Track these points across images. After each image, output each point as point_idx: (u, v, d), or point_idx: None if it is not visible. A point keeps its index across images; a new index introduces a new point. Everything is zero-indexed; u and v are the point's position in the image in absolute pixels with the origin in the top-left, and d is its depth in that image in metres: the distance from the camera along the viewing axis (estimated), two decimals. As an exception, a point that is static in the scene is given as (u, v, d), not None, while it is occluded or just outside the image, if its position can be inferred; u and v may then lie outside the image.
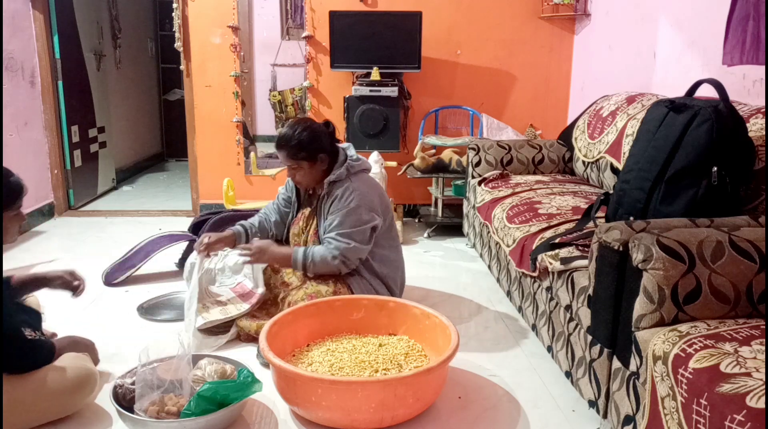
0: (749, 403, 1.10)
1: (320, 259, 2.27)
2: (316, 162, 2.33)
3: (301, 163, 2.32)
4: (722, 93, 1.82)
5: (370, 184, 2.42)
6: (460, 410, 1.91)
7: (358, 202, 2.29)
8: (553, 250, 2.03)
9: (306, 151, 2.30)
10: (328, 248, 2.27)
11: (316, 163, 2.34)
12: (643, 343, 1.43)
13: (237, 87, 4.04)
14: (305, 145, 2.30)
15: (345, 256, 2.26)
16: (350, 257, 2.27)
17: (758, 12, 2.12)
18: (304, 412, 1.81)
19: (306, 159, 2.32)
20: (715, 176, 1.74)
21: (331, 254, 2.26)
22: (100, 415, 1.85)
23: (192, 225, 3.22)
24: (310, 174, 2.36)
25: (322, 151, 2.33)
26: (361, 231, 2.29)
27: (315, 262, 2.27)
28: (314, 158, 2.32)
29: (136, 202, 4.74)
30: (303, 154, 2.30)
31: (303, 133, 2.30)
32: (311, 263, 2.27)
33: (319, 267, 2.28)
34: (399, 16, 3.73)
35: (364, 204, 2.30)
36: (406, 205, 4.26)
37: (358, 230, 2.28)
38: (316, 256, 2.27)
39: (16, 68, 3.75)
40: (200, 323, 2.30)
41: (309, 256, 2.27)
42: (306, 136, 2.30)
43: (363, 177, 2.41)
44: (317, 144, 2.32)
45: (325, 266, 2.27)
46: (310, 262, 2.27)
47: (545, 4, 3.97)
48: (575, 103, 4.11)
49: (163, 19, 6.34)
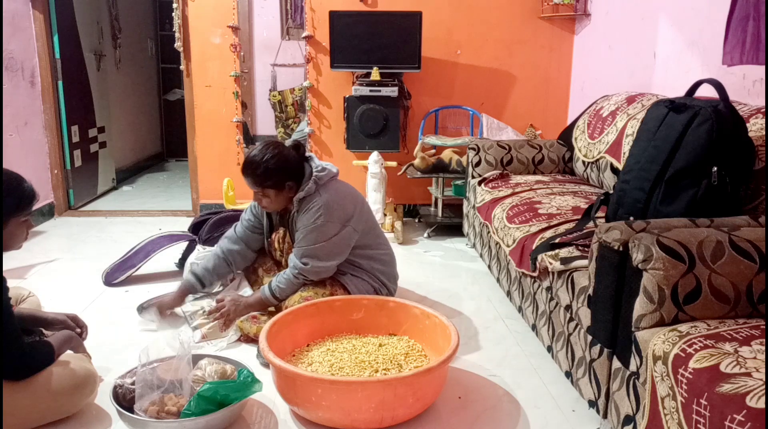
0: (749, 403, 1.10)
1: (285, 283, 2.28)
2: (283, 189, 2.27)
3: (267, 191, 2.26)
4: (722, 93, 1.82)
5: (340, 192, 2.33)
6: (460, 410, 1.91)
7: (326, 219, 2.23)
8: (553, 250, 2.03)
9: (272, 180, 2.23)
10: (289, 269, 2.29)
11: (283, 191, 2.27)
12: (643, 343, 1.43)
13: (237, 87, 4.04)
14: (272, 175, 2.22)
15: (304, 276, 2.26)
16: (309, 276, 2.27)
17: (758, 12, 2.12)
18: (304, 412, 1.81)
19: (272, 187, 2.25)
20: (715, 176, 1.74)
21: (292, 274, 2.27)
22: (100, 415, 1.85)
23: (192, 225, 3.22)
24: (277, 201, 2.30)
25: (289, 178, 2.26)
26: (324, 246, 2.25)
27: (282, 289, 2.28)
28: (281, 186, 2.26)
29: (136, 202, 4.74)
30: (269, 182, 2.23)
31: (270, 161, 2.21)
32: (280, 293, 2.28)
33: (287, 292, 2.28)
34: (399, 16, 3.72)
35: (332, 218, 2.24)
36: (406, 205, 4.26)
37: (320, 246, 2.24)
38: (281, 283, 2.27)
39: (16, 68, 3.75)
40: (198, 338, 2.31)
41: (275, 287, 2.28)
42: (273, 164, 2.21)
43: (332, 185, 2.32)
44: (284, 172, 2.24)
45: (293, 287, 2.28)
46: (278, 292, 2.28)
47: (545, 4, 3.97)
48: (575, 103, 4.11)
49: (163, 19, 6.34)
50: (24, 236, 1.72)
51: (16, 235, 1.70)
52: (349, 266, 2.38)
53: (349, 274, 2.37)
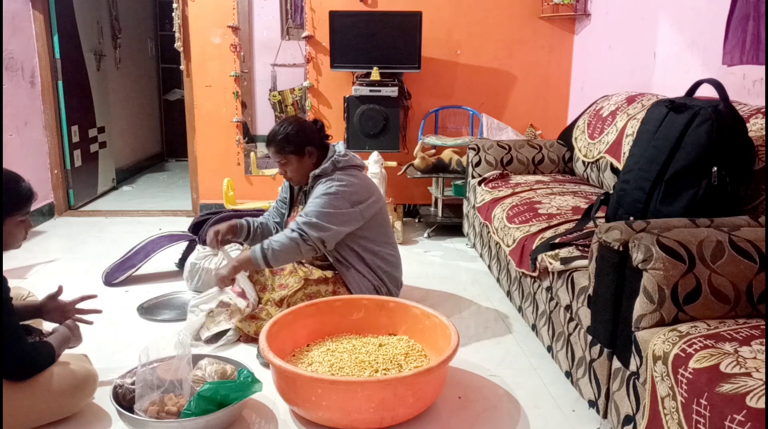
0: (749, 403, 1.10)
1: (278, 239, 2.23)
2: (304, 156, 2.36)
3: (289, 158, 2.36)
4: (722, 93, 1.82)
5: (358, 179, 2.38)
6: (460, 410, 1.91)
7: (337, 191, 2.29)
8: (553, 250, 2.03)
9: (293, 145, 2.34)
10: (289, 227, 2.27)
11: (304, 157, 2.36)
12: (643, 343, 1.43)
13: (237, 87, 4.04)
14: (292, 139, 2.33)
15: (302, 230, 2.22)
16: (308, 232, 2.22)
17: (758, 12, 2.12)
18: (304, 412, 1.81)
19: (293, 153, 2.35)
20: (715, 176, 1.74)
21: (289, 228, 2.25)
22: (100, 415, 1.85)
23: (192, 225, 3.22)
24: (300, 168, 2.38)
25: (309, 143, 2.36)
26: (328, 213, 2.26)
27: (273, 248, 2.21)
28: (302, 152, 2.35)
29: (136, 202, 4.74)
30: (290, 147, 2.34)
31: (289, 127, 2.35)
32: (270, 250, 2.21)
33: (278, 250, 2.21)
34: (399, 16, 3.73)
35: (343, 194, 2.30)
36: (406, 205, 4.26)
37: (324, 211, 2.25)
38: (276, 243, 2.22)
39: (16, 68, 3.75)
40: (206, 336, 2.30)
41: (267, 245, 2.22)
42: (292, 130, 2.34)
43: (351, 172, 2.39)
44: (304, 137, 2.35)
45: (284, 245, 2.21)
46: (268, 249, 2.21)
47: (545, 4, 3.97)
48: (575, 103, 4.11)
49: (163, 19, 6.34)
50: (23, 236, 1.72)
51: (14, 234, 1.70)
52: (354, 258, 2.38)
53: (353, 270, 2.37)
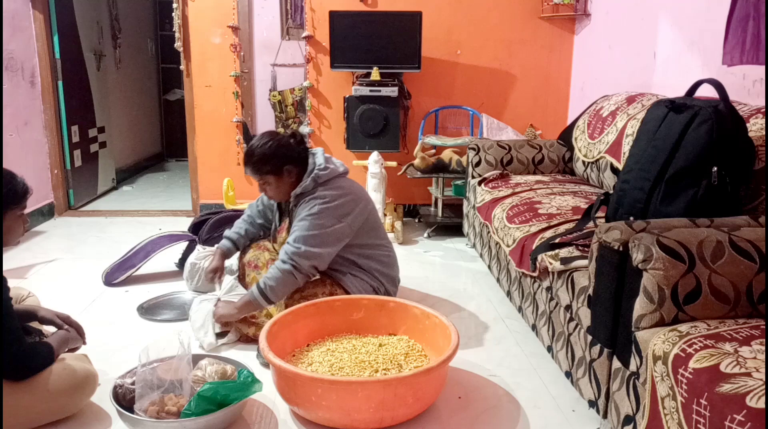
0: (749, 403, 1.10)
1: (272, 275, 2.18)
2: (283, 175, 2.27)
3: (267, 178, 2.27)
4: (722, 93, 1.82)
5: (342, 190, 2.30)
6: (460, 410, 1.91)
7: (320, 210, 2.22)
8: (553, 250, 2.03)
9: (269, 165, 2.25)
10: (279, 257, 2.22)
11: (282, 177, 2.27)
12: (643, 343, 1.43)
13: (237, 87, 4.04)
14: (268, 159, 2.24)
15: (294, 261, 2.17)
16: (300, 263, 2.17)
17: (758, 12, 2.12)
18: (304, 412, 1.81)
19: (271, 173, 2.26)
20: (715, 176, 1.74)
21: (281, 260, 2.20)
22: (100, 415, 1.85)
23: (192, 225, 3.22)
24: (279, 187, 2.30)
25: (287, 162, 2.26)
26: (315, 235, 2.20)
27: (270, 285, 2.17)
28: (280, 172, 2.26)
29: (136, 202, 4.74)
30: (267, 167, 2.25)
31: (265, 146, 2.25)
32: (268, 288, 2.17)
33: (276, 287, 2.17)
34: (399, 16, 3.72)
35: (327, 211, 2.23)
36: (406, 205, 4.26)
37: (311, 235, 2.20)
38: (271, 279, 2.18)
39: (16, 68, 3.75)
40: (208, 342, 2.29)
41: (263, 285, 2.18)
42: (269, 150, 2.24)
43: (335, 183, 2.30)
44: (281, 156, 2.25)
45: (280, 280, 2.17)
46: (268, 290, 2.17)
47: (545, 4, 3.97)
48: (575, 103, 4.11)
49: (163, 19, 6.34)
50: (21, 231, 1.75)
51: (13, 228, 1.73)
52: (349, 266, 2.37)
53: (349, 275, 2.36)
